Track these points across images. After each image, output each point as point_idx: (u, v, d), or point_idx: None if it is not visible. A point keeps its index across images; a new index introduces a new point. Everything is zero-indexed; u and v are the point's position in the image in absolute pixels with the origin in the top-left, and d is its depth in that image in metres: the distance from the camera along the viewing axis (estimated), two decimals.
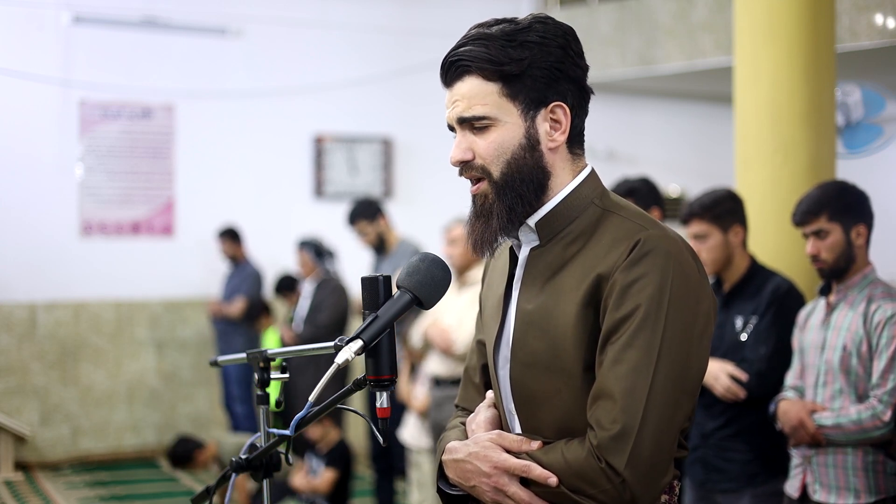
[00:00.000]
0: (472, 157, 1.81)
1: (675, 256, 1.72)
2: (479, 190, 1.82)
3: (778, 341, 3.52)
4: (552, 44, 1.77)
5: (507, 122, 1.78)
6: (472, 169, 1.82)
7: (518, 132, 1.79)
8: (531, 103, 1.78)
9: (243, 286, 7.84)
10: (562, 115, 1.80)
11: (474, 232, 1.84)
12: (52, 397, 8.02)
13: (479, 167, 1.81)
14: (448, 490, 1.89)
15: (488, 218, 1.81)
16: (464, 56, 1.78)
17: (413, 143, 9.04)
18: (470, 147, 1.81)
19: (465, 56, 1.78)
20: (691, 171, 9.61)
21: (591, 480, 1.67)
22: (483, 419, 1.90)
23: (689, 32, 7.87)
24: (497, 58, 1.76)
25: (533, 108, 1.78)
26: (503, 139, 1.78)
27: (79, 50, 8.06)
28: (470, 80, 1.79)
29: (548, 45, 1.77)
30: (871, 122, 4.96)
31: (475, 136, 1.81)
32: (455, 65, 1.80)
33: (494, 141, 1.79)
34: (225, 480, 2.19)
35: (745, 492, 3.57)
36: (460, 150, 1.82)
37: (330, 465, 5.86)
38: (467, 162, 1.82)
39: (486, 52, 1.76)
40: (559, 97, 1.79)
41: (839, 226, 3.25)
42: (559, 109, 1.80)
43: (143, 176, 8.30)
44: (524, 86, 1.77)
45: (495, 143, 1.79)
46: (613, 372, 1.68)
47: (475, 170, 1.81)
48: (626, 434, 1.65)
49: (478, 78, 1.78)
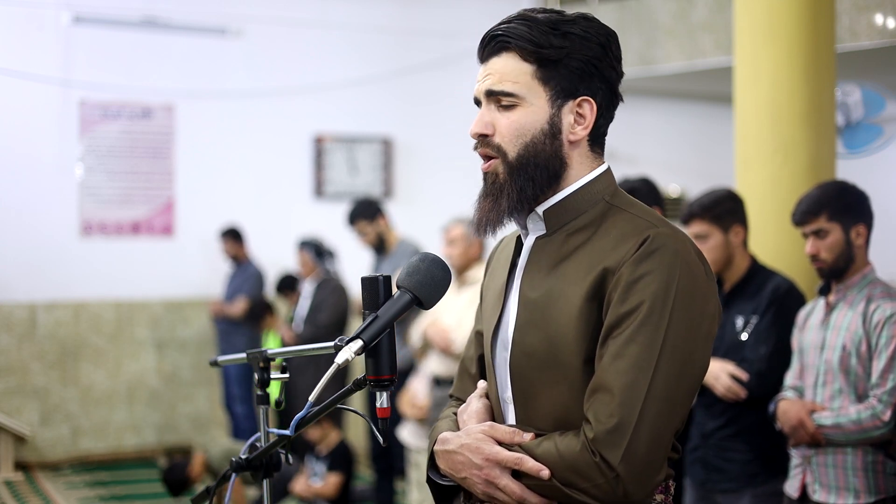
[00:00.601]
0: (492, 132, 1.81)
1: (683, 255, 1.72)
2: (490, 167, 1.82)
3: (778, 341, 3.52)
4: (594, 40, 1.79)
5: (534, 104, 1.79)
6: (488, 145, 1.82)
7: (542, 117, 1.79)
8: (561, 92, 1.79)
9: (245, 286, 7.84)
10: (588, 111, 1.80)
11: (481, 210, 1.83)
12: (52, 397, 8.02)
13: (496, 145, 1.81)
14: (439, 480, 1.89)
15: (497, 197, 1.80)
16: (506, 32, 1.79)
17: (413, 143, 9.04)
18: (491, 122, 1.81)
19: (508, 32, 1.79)
20: (691, 171, 9.61)
21: (584, 474, 1.66)
22: (474, 409, 1.90)
23: (689, 32, 7.87)
24: (538, 40, 1.77)
25: (562, 98, 1.79)
26: (526, 121, 1.79)
27: (79, 50, 8.06)
28: (507, 56, 1.80)
29: (589, 41, 1.78)
30: (871, 122, 4.96)
31: (499, 112, 1.81)
32: (496, 39, 1.81)
33: (517, 121, 1.79)
34: (225, 480, 2.18)
35: (746, 492, 3.57)
36: (482, 124, 1.82)
37: (333, 468, 5.81)
38: (485, 137, 1.82)
39: (528, 32, 1.77)
40: (589, 93, 1.80)
41: (839, 226, 3.26)
42: (586, 104, 1.80)
43: (143, 176, 8.30)
44: (558, 73, 1.78)
45: (517, 122, 1.79)
46: (614, 366, 1.67)
47: (491, 147, 1.81)
48: (622, 429, 1.64)
49: (515, 56, 1.79)
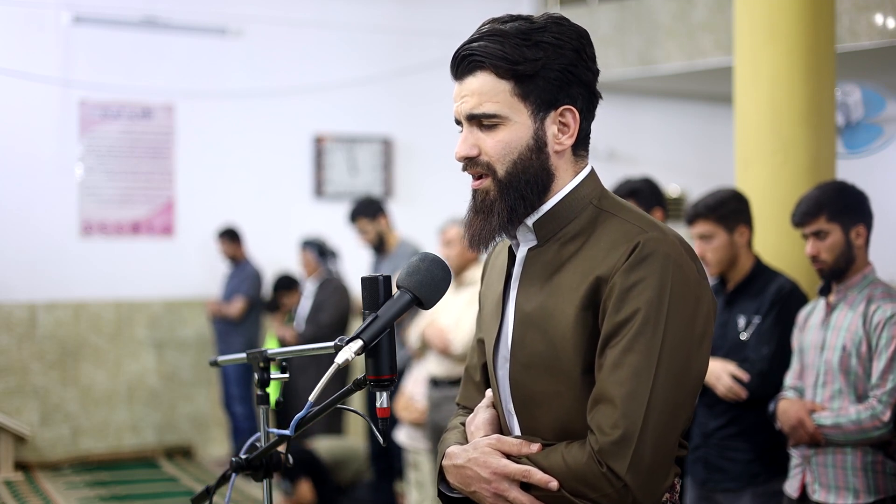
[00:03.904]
0: (478, 153, 1.79)
1: (674, 259, 1.72)
2: (481, 186, 1.81)
3: (780, 342, 3.52)
4: (567, 46, 1.76)
5: (517, 121, 1.77)
6: (476, 165, 1.80)
7: (526, 133, 1.77)
8: (542, 105, 1.77)
9: (243, 286, 7.84)
10: (571, 119, 1.79)
11: (472, 227, 1.82)
12: (52, 397, 8.01)
13: (485, 164, 1.79)
14: (449, 494, 1.89)
15: (488, 215, 1.79)
16: (478, 51, 1.76)
17: (413, 143, 9.04)
18: (476, 144, 1.79)
19: (480, 51, 1.76)
20: (691, 171, 9.60)
21: (592, 485, 1.67)
22: (482, 420, 1.90)
23: (689, 32, 7.87)
24: (512, 56, 1.74)
25: (543, 110, 1.77)
26: (511, 139, 1.77)
27: (79, 50, 8.06)
28: (482, 75, 1.77)
29: (562, 48, 1.75)
30: (871, 122, 4.95)
31: (483, 133, 1.79)
32: (468, 59, 1.77)
33: (502, 140, 1.77)
34: (225, 480, 2.18)
35: (746, 491, 3.57)
36: (466, 146, 1.80)
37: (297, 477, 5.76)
38: (472, 158, 1.80)
39: (501, 49, 1.74)
40: (570, 100, 1.78)
41: (839, 226, 3.25)
42: (569, 113, 1.78)
43: (143, 176, 8.30)
44: (536, 87, 1.75)
45: (503, 142, 1.77)
46: (614, 376, 1.67)
47: (480, 166, 1.80)
48: (627, 439, 1.65)
49: (490, 75, 1.76)
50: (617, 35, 8.32)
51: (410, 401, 5.15)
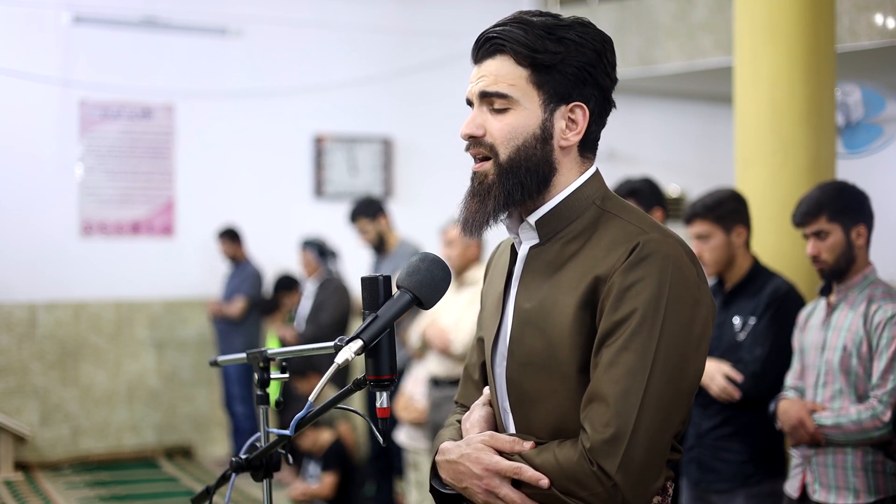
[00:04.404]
0: (483, 133, 1.81)
1: (673, 260, 1.72)
2: (482, 168, 1.82)
3: (774, 343, 3.51)
4: (589, 46, 1.79)
5: (527, 108, 1.78)
6: (479, 146, 1.81)
7: (534, 121, 1.79)
8: (554, 97, 1.79)
9: (243, 286, 7.84)
10: (580, 117, 1.80)
11: (467, 210, 1.83)
12: (52, 397, 8.02)
13: (488, 145, 1.80)
14: (441, 489, 1.89)
15: (484, 198, 1.80)
16: (501, 35, 1.79)
17: (413, 143, 9.04)
18: (483, 124, 1.81)
19: (503, 35, 1.79)
20: (691, 171, 9.60)
21: (582, 483, 1.67)
22: (477, 418, 1.91)
23: (689, 32, 7.87)
24: (534, 44, 1.76)
25: (554, 103, 1.79)
26: (518, 124, 1.78)
27: (79, 50, 8.06)
28: (501, 59, 1.79)
29: (584, 47, 1.78)
30: (871, 122, 4.96)
31: (491, 115, 1.80)
32: (491, 41, 1.80)
33: (510, 124, 1.79)
34: (225, 480, 2.18)
35: (740, 492, 3.57)
36: (473, 125, 1.81)
37: (327, 468, 5.82)
38: (476, 138, 1.81)
39: (524, 36, 1.77)
40: (582, 99, 1.80)
41: (839, 226, 3.25)
42: (579, 110, 1.80)
43: (143, 176, 8.30)
44: (552, 78, 1.78)
45: (510, 125, 1.79)
46: (608, 375, 1.68)
47: (483, 147, 1.81)
48: (618, 438, 1.65)
49: (510, 59, 1.78)
50: (617, 35, 8.31)
51: (410, 401, 5.15)
